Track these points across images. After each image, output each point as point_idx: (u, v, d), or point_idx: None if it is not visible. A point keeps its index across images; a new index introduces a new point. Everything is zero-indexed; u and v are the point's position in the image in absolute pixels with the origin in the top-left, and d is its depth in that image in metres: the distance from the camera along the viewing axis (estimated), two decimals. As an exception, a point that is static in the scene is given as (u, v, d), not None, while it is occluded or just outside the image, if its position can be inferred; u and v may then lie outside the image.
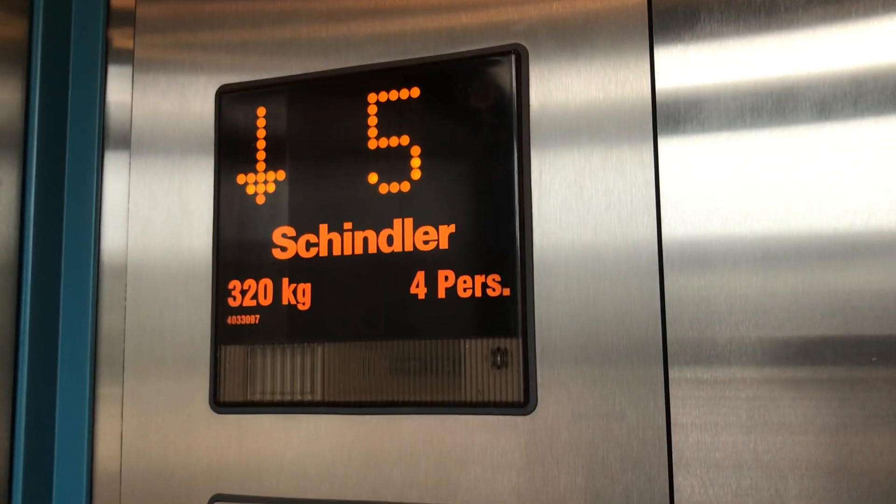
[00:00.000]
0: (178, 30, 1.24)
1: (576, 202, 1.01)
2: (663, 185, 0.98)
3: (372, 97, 1.10)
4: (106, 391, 1.22)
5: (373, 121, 1.10)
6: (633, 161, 0.99)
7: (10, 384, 1.18)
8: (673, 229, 0.97)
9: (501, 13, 1.07)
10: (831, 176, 0.93)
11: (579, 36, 1.03)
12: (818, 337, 0.92)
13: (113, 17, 1.30)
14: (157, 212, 1.20)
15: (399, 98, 1.09)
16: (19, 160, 1.20)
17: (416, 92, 1.08)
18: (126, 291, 1.21)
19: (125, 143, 1.25)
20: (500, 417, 1.02)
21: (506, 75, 1.04)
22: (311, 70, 1.15)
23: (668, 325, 0.96)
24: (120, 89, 1.27)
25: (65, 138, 1.26)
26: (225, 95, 1.18)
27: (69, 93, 1.27)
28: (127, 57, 1.27)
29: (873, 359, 0.89)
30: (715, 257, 0.96)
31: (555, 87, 1.03)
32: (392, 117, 1.09)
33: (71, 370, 1.23)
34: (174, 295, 1.18)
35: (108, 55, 1.29)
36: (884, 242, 0.91)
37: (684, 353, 0.96)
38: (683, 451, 0.95)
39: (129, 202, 1.23)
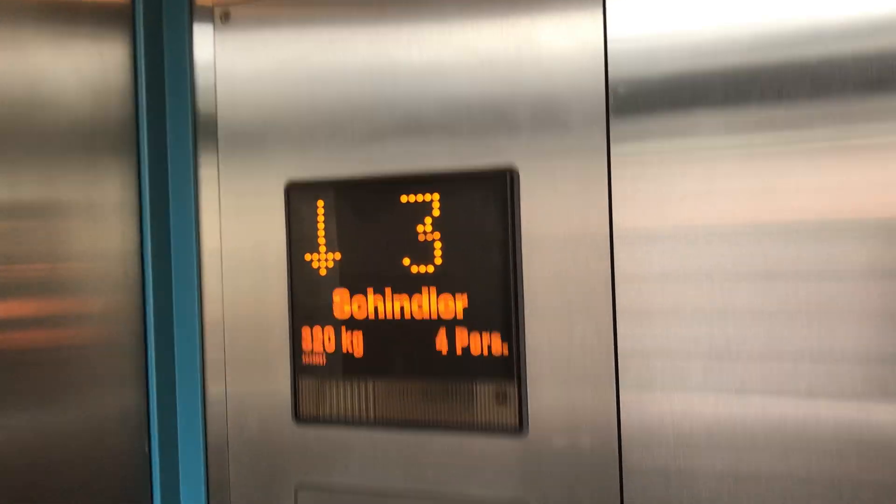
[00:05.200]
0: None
1: (557, 293, 1.38)
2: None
3: (404, 198, 1.45)
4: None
5: (405, 215, 1.45)
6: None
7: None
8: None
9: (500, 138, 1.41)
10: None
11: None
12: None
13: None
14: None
15: (424, 200, 1.44)
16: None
17: (437, 195, 1.43)
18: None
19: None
20: (504, 438, 1.42)
21: (503, 188, 1.39)
22: (358, 174, 1.50)
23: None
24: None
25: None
26: (292, 189, 1.54)
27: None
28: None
29: None
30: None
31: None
32: (420, 213, 1.44)
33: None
34: None
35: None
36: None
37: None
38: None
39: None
